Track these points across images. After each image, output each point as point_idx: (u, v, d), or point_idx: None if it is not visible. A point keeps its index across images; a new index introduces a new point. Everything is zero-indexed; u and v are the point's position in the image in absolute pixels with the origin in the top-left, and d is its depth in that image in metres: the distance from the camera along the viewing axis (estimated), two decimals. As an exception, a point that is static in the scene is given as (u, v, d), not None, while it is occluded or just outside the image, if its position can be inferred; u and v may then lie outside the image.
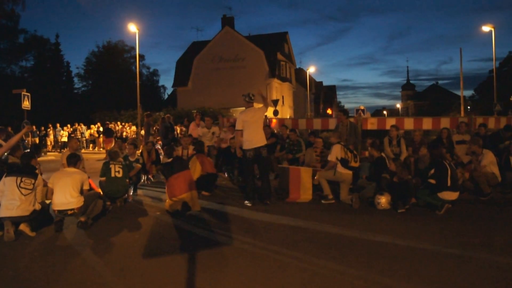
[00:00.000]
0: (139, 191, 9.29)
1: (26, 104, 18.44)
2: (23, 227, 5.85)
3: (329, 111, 60.46)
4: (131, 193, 8.78)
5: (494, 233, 5.86)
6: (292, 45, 47.39)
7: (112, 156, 8.27)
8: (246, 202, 7.83)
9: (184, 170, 7.60)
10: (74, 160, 6.65)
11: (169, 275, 4.36)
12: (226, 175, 11.14)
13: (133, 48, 49.30)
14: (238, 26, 66.89)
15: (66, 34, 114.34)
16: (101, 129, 26.07)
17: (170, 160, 8.00)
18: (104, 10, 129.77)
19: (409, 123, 11.97)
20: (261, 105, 8.04)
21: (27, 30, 42.83)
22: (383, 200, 7.24)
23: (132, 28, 23.59)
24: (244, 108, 7.97)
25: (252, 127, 7.81)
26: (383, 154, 8.30)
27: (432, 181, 7.15)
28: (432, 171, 7.24)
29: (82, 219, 6.22)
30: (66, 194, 6.13)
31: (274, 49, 40.46)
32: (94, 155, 21.50)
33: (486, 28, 24.48)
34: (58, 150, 25.77)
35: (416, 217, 6.75)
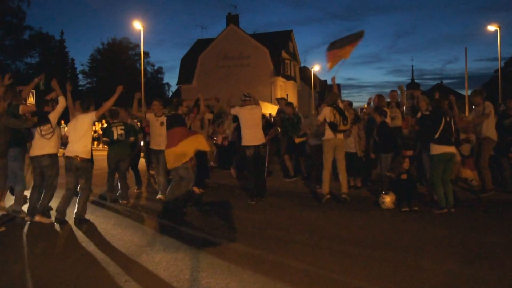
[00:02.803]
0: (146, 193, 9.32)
1: (31, 100, 18.48)
2: (39, 218, 6.11)
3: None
4: (136, 189, 8.80)
5: (498, 234, 5.84)
6: (297, 44, 47.27)
7: (111, 114, 7.96)
8: (249, 200, 7.84)
9: (182, 126, 7.20)
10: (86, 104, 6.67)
11: (170, 275, 4.37)
12: (234, 173, 11.03)
13: (138, 46, 49.35)
14: (243, 24, 66.70)
15: (71, 31, 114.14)
16: (105, 125, 26.07)
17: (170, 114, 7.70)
18: (109, 8, 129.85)
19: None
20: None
21: (32, 27, 43.08)
22: (388, 199, 7.16)
23: (137, 25, 23.65)
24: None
25: (249, 124, 7.81)
26: (386, 120, 8.26)
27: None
28: (429, 122, 7.02)
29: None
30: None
31: (278, 47, 40.40)
32: (101, 152, 21.49)
33: (491, 28, 24.35)
34: (63, 148, 25.77)
35: (419, 216, 6.74)
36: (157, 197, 8.17)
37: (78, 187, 6.70)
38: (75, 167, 6.32)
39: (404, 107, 10.48)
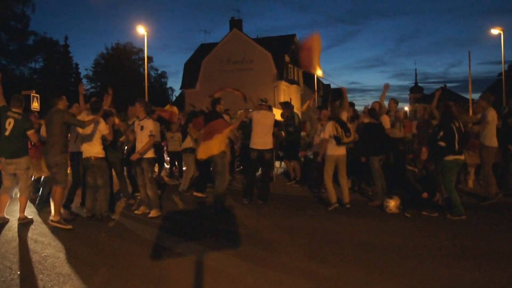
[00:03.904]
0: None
1: (35, 105, 18.54)
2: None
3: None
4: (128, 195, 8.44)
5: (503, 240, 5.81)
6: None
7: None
8: (244, 199, 8.11)
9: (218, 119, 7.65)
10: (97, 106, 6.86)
11: (174, 279, 4.37)
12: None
13: (142, 50, 49.58)
14: (246, 28, 66.92)
15: (75, 36, 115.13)
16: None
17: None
18: (112, 13, 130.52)
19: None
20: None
21: (36, 32, 43.15)
22: (392, 204, 7.13)
23: (141, 30, 23.71)
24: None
25: (259, 128, 8.00)
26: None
27: (442, 143, 6.81)
28: (441, 133, 6.88)
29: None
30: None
31: (282, 51, 40.47)
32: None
33: (495, 31, 24.32)
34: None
35: (426, 221, 6.71)
36: (149, 215, 7.10)
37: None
38: (92, 166, 6.64)
39: (408, 112, 10.43)
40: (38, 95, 18.83)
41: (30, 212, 7.48)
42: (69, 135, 6.99)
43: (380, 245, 5.44)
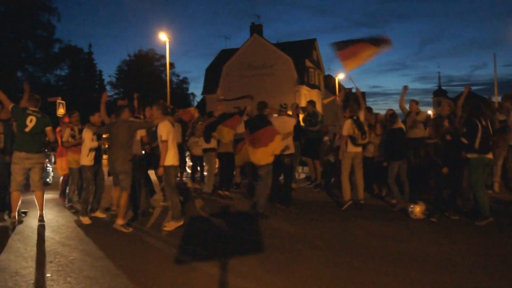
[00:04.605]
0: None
1: (61, 111, 18.99)
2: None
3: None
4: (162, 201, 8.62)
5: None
6: (321, 52, 47.18)
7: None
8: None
9: (270, 125, 7.55)
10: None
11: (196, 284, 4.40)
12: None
13: (163, 57, 50.11)
14: (266, 33, 67.07)
15: (99, 43, 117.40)
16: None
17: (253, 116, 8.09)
18: (135, 20, 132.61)
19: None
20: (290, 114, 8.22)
21: (61, 40, 44.13)
22: (417, 209, 7.03)
23: (163, 37, 24.04)
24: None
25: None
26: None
27: (464, 140, 6.74)
28: (465, 129, 6.84)
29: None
30: None
31: (302, 56, 40.43)
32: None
33: (521, 33, 23.84)
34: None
35: (453, 227, 6.59)
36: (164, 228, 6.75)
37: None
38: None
39: (432, 115, 10.26)
40: (64, 102, 19.28)
41: (57, 215, 7.65)
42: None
43: (405, 252, 5.37)
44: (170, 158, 6.58)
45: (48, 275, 4.60)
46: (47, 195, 8.67)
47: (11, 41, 38.78)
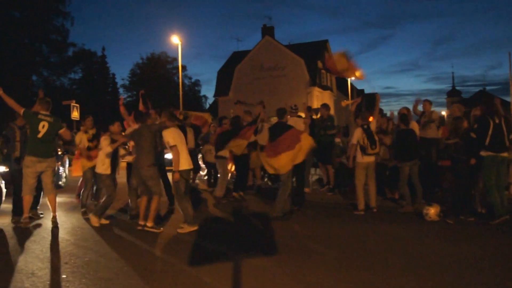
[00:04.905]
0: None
1: (75, 114, 19.19)
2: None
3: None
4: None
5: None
6: (332, 53, 46.97)
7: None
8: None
9: (290, 129, 7.56)
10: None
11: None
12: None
13: (176, 59, 50.57)
14: (278, 35, 66.95)
15: (112, 47, 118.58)
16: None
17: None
18: (147, 23, 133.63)
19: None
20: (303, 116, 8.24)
21: (75, 44, 44.52)
22: (432, 211, 6.96)
23: (175, 40, 24.19)
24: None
25: None
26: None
27: (473, 134, 6.70)
28: (475, 125, 6.81)
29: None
30: None
31: (314, 57, 40.29)
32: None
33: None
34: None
35: (469, 229, 6.52)
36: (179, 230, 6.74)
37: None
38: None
39: (446, 116, 10.16)
40: (78, 105, 19.47)
41: (71, 217, 7.73)
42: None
43: (420, 254, 5.34)
44: (183, 162, 6.53)
45: (63, 276, 4.66)
46: (60, 198, 8.79)
47: (26, 45, 39.32)
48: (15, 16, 38.64)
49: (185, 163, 6.57)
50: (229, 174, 10.16)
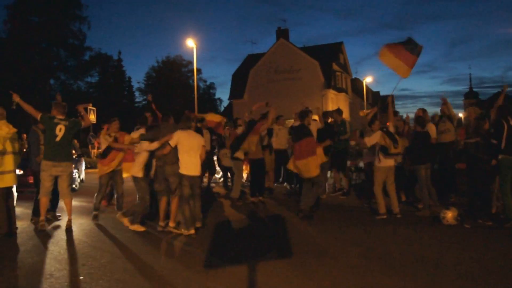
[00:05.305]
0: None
1: (92, 117, 19.44)
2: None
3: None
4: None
5: None
6: (348, 55, 46.78)
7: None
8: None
9: (308, 136, 7.72)
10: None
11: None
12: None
13: (191, 63, 50.71)
14: (292, 38, 67.14)
15: (127, 50, 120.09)
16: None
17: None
18: (163, 27, 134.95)
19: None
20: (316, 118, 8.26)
21: (92, 48, 45.07)
22: (449, 215, 6.87)
23: (190, 43, 24.34)
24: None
25: None
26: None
27: (494, 141, 6.62)
28: (493, 130, 6.74)
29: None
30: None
31: (329, 59, 40.16)
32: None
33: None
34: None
35: (486, 233, 6.43)
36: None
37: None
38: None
39: (463, 118, 9.99)
40: (94, 108, 19.76)
41: (88, 219, 7.81)
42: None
43: (437, 258, 5.28)
44: (189, 167, 6.60)
45: (81, 277, 4.71)
46: (76, 201, 8.91)
47: (44, 50, 40.04)
48: (33, 21, 39.41)
49: (192, 169, 6.62)
50: (245, 176, 10.18)
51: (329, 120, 9.78)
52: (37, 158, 7.41)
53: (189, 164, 6.58)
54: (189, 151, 6.57)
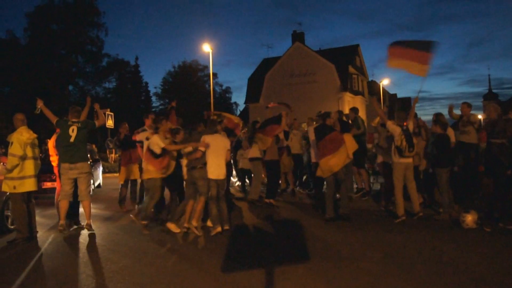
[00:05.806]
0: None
1: (110, 123, 19.68)
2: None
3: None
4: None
5: None
6: (364, 58, 46.55)
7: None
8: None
9: (331, 132, 7.74)
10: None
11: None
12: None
13: (207, 67, 51.05)
14: (308, 41, 66.80)
15: (144, 56, 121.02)
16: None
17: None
18: (179, 32, 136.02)
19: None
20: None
21: (109, 54, 45.65)
22: (469, 219, 6.75)
23: (206, 48, 24.47)
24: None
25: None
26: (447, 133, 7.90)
27: None
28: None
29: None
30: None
31: (345, 62, 39.99)
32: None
33: None
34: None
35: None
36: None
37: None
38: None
39: (482, 120, 9.80)
40: (112, 113, 19.98)
41: (107, 223, 7.88)
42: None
43: (457, 263, 5.20)
44: (210, 170, 6.92)
45: (100, 281, 4.76)
46: (93, 206, 8.99)
47: (63, 56, 40.72)
48: (52, 29, 40.13)
49: (218, 173, 6.95)
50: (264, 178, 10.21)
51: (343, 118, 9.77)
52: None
53: (216, 167, 6.91)
54: (216, 155, 6.91)
